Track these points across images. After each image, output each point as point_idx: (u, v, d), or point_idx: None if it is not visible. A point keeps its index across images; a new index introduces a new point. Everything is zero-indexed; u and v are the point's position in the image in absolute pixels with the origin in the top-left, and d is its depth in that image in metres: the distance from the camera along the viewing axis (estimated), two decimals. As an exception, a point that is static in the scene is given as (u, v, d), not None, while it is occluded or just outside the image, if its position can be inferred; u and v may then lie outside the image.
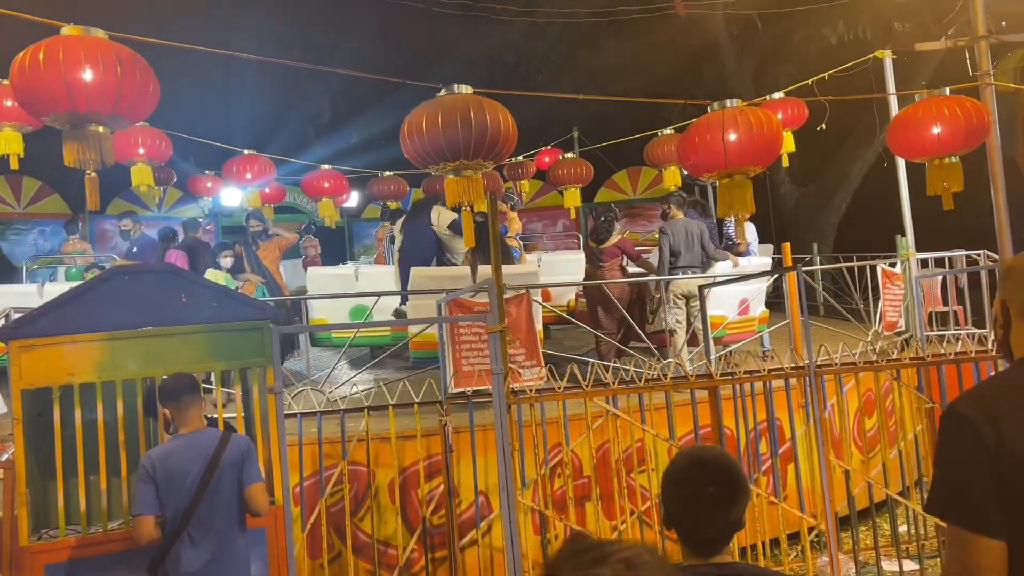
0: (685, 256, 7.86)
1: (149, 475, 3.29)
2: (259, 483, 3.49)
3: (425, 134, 4.64)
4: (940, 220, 8.43)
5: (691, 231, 7.93)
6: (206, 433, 3.49)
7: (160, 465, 3.32)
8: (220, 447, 3.40)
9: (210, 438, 3.45)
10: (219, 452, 3.38)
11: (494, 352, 4.60)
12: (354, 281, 8.92)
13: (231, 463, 3.42)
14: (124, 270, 3.89)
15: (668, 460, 5.42)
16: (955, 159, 5.61)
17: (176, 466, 3.34)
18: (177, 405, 3.47)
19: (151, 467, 3.31)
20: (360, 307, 8.15)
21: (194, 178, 13.27)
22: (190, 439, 3.43)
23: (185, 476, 3.33)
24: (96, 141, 3.99)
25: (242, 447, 3.48)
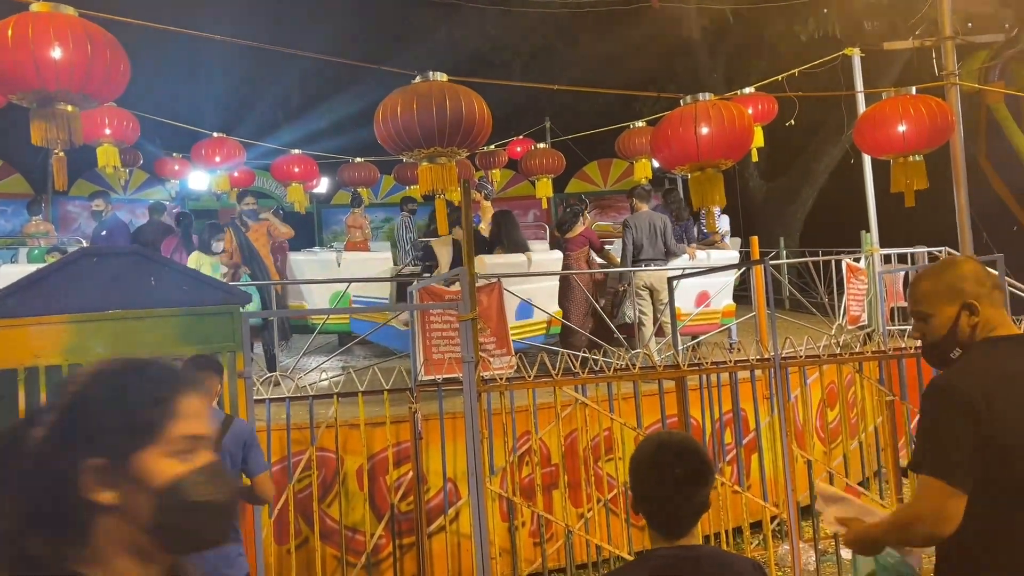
0: (648, 249, 7.92)
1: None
2: (266, 472, 3.45)
3: (399, 120, 4.63)
4: (904, 217, 8.60)
5: (655, 224, 7.99)
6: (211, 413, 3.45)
7: None
8: (221, 431, 3.31)
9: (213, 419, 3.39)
10: (219, 435, 3.31)
11: (465, 340, 4.62)
12: (336, 267, 8.89)
13: (233, 447, 3.35)
14: (92, 251, 3.84)
15: (634, 448, 5.49)
16: (919, 157, 5.73)
17: None
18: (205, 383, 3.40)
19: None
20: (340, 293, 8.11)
21: (161, 160, 13.09)
22: None
23: None
24: (64, 120, 3.93)
25: (244, 434, 3.42)
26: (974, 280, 2.23)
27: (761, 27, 14.37)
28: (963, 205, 5.63)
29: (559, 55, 16.73)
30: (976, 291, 2.21)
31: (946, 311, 2.21)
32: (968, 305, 2.20)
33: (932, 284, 2.27)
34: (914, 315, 2.31)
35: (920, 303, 2.27)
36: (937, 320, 2.23)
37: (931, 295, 2.25)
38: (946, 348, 2.25)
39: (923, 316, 2.27)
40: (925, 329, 2.27)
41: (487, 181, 11.22)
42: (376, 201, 16.58)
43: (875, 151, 6.09)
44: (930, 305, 2.24)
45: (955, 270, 2.27)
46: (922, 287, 2.29)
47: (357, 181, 12.85)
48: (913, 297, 2.31)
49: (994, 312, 2.22)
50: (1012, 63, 14.04)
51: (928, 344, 2.29)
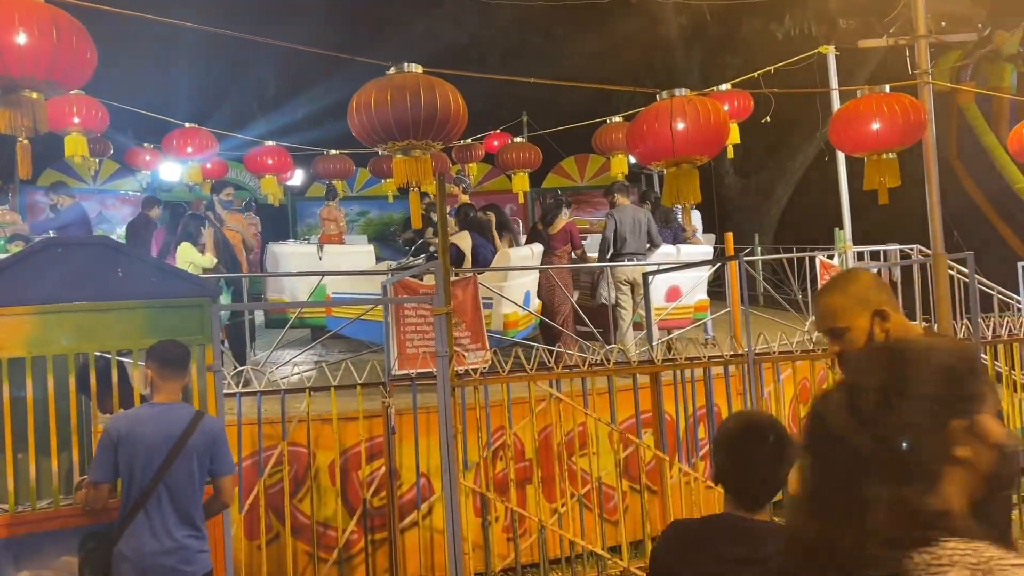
0: (631, 242, 7.95)
1: (112, 442, 3.15)
2: (232, 475, 3.39)
3: (374, 112, 4.57)
4: (876, 215, 8.68)
5: (638, 219, 8.04)
6: (179, 408, 3.34)
7: (127, 432, 3.17)
8: (191, 427, 3.25)
9: (181, 415, 3.30)
10: (189, 431, 3.23)
11: (439, 334, 4.58)
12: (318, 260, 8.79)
13: (200, 447, 3.27)
14: (58, 242, 3.76)
15: (609, 444, 5.50)
16: (892, 155, 5.77)
17: (143, 436, 3.19)
18: (164, 370, 3.32)
19: (116, 434, 3.16)
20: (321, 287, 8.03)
21: (132, 150, 12.90)
22: (163, 411, 3.29)
23: (149, 450, 3.18)
24: (30, 107, 3.83)
25: (214, 432, 3.34)
26: (876, 288, 2.33)
27: (737, 25, 14.43)
28: (935, 203, 5.68)
29: (537, 50, 16.72)
30: (880, 298, 2.30)
31: (860, 322, 2.27)
32: (879, 312, 2.27)
33: (841, 299, 2.32)
34: (828, 333, 2.35)
35: (834, 319, 2.31)
36: (853, 333, 2.28)
37: (843, 310, 2.29)
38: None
39: (839, 332, 2.30)
40: (842, 344, 2.31)
41: (465, 175, 11.16)
42: (351, 194, 16.47)
43: (849, 148, 6.13)
44: (844, 319, 2.29)
45: (857, 282, 2.35)
46: (831, 303, 2.33)
47: (332, 174, 12.74)
48: (824, 315, 2.35)
49: (900, 316, 2.33)
50: (983, 63, 14.23)
51: (846, 357, 2.32)
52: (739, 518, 2.00)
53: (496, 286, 7.05)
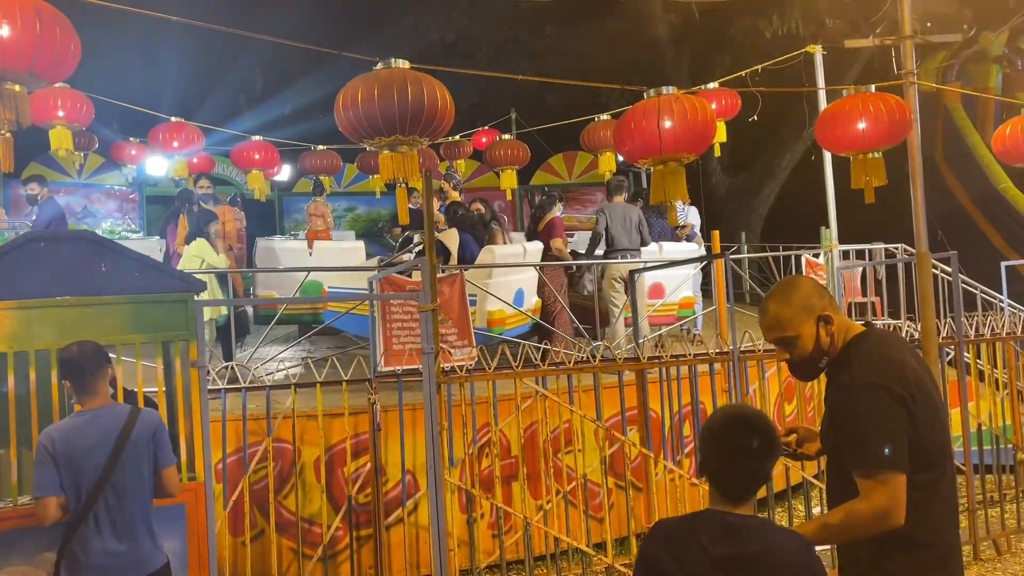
0: (623, 239, 8.01)
1: (49, 454, 3.06)
2: (173, 465, 3.34)
3: (360, 107, 4.55)
4: (862, 214, 8.73)
5: (629, 216, 8.08)
6: (112, 409, 3.26)
7: (61, 443, 3.09)
8: (128, 424, 3.18)
9: (117, 414, 3.22)
10: (127, 429, 3.16)
11: (425, 331, 4.58)
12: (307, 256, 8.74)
13: (143, 441, 3.21)
14: (40, 236, 3.73)
15: (595, 441, 5.51)
16: (878, 154, 5.80)
17: (79, 445, 3.11)
18: (80, 377, 3.20)
19: (51, 445, 3.08)
20: (313, 283, 7.99)
21: (117, 144, 12.80)
22: (95, 415, 3.20)
23: (89, 455, 3.11)
24: (12, 100, 3.79)
25: (152, 425, 3.27)
26: (817, 294, 2.43)
27: (726, 24, 14.46)
28: (919, 202, 5.71)
29: (526, 47, 16.70)
30: (822, 303, 2.40)
31: (806, 329, 2.39)
32: (824, 317, 2.38)
33: (787, 309, 2.41)
34: (776, 343, 2.45)
35: (782, 329, 2.41)
36: (802, 340, 2.39)
37: (789, 319, 2.39)
38: (815, 361, 2.42)
39: (787, 340, 2.41)
40: (791, 351, 2.42)
41: (455, 171, 11.11)
42: (339, 190, 16.40)
43: (835, 148, 6.16)
44: (791, 328, 2.40)
45: (799, 290, 2.44)
46: (778, 313, 2.42)
47: (319, 169, 12.68)
48: (771, 326, 2.44)
49: (841, 316, 2.44)
50: (969, 64, 14.32)
51: (797, 363, 2.45)
52: (724, 514, 2.01)
53: (481, 283, 7.05)
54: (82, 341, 3.30)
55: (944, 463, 2.36)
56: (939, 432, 2.35)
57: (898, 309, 9.00)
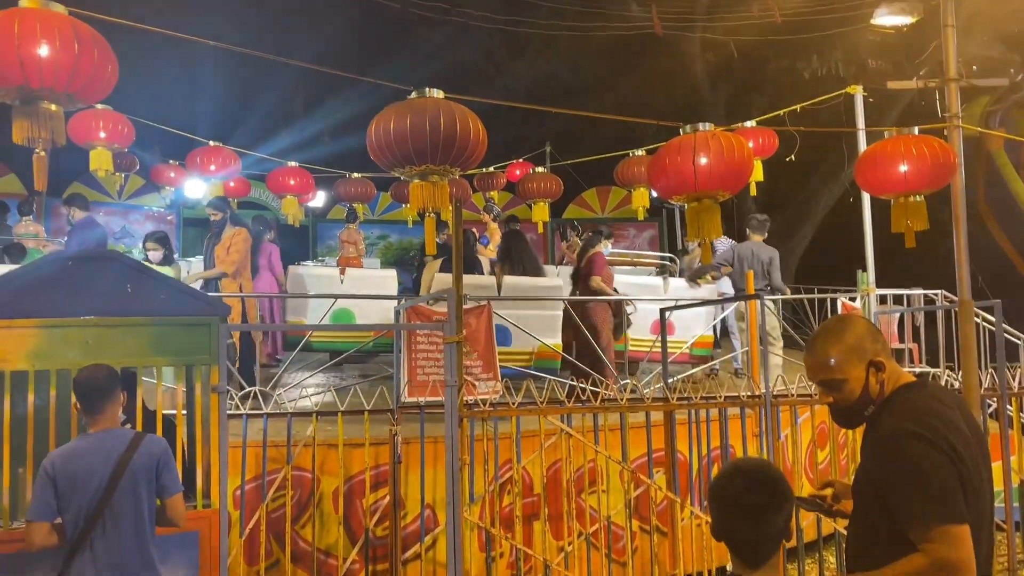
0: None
1: (49, 477, 3.03)
2: (178, 494, 3.28)
3: (392, 135, 4.54)
4: (898, 258, 8.53)
5: (760, 256, 8.14)
6: (116, 434, 3.23)
7: (62, 467, 3.06)
8: (129, 450, 3.13)
9: (119, 440, 3.18)
10: (127, 456, 3.11)
11: (449, 363, 4.51)
12: (339, 283, 8.70)
13: (143, 468, 3.15)
14: (69, 255, 3.73)
15: (619, 482, 5.37)
16: (920, 198, 5.66)
17: (79, 469, 3.07)
18: (89, 400, 3.18)
19: (52, 469, 3.05)
20: (344, 310, 7.93)
21: (157, 167, 13.00)
22: (97, 439, 3.17)
23: (88, 480, 3.06)
24: (47, 119, 3.82)
25: (156, 452, 3.22)
26: (871, 338, 2.28)
27: (764, 64, 14.40)
28: (962, 248, 5.55)
29: (563, 83, 16.79)
30: (875, 348, 2.25)
31: (856, 373, 2.24)
32: (875, 363, 2.24)
33: (836, 349, 2.26)
34: (823, 384, 2.31)
35: (830, 371, 2.27)
36: (849, 384, 2.25)
37: (838, 361, 2.25)
38: (861, 408, 2.27)
39: (834, 383, 2.27)
40: (837, 395, 2.28)
41: (493, 203, 11.05)
42: (372, 217, 16.51)
43: (876, 190, 6.02)
44: (841, 371, 2.26)
45: (853, 331, 2.29)
46: (826, 353, 2.28)
47: (353, 196, 12.76)
48: (819, 366, 2.30)
49: (893, 364, 2.29)
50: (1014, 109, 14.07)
51: (842, 408, 2.30)
52: None
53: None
54: (96, 364, 3.29)
55: (980, 532, 2.19)
56: (979, 499, 2.19)
57: (936, 357, 8.75)
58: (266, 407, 5.18)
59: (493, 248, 9.09)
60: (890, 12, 6.46)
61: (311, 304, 8.57)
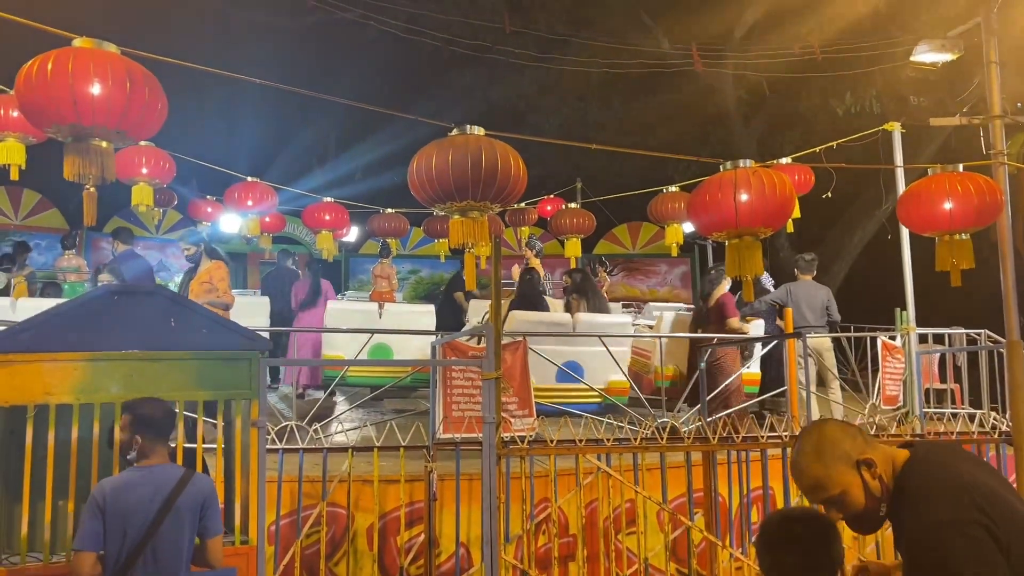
0: (808, 317, 8.18)
1: (99, 508, 3.04)
2: (219, 536, 3.26)
3: (434, 171, 4.56)
4: (933, 296, 8.37)
5: (814, 295, 8.30)
6: (166, 469, 3.24)
7: (113, 498, 3.07)
8: (178, 488, 3.14)
9: (170, 476, 3.19)
10: (176, 493, 3.12)
11: (487, 400, 4.47)
12: (377, 318, 8.71)
13: (189, 507, 3.16)
14: (114, 289, 3.76)
15: (657, 524, 5.27)
16: (965, 236, 5.56)
17: (130, 502, 3.08)
18: (152, 434, 3.21)
19: (102, 499, 3.06)
20: (381, 345, 7.92)
21: (194, 202, 13.20)
22: (149, 473, 3.18)
23: (136, 514, 3.07)
24: (98, 156, 3.89)
25: (205, 492, 3.23)
26: (848, 437, 2.20)
27: (796, 99, 14.37)
28: (1010, 288, 5.44)
29: (593, 119, 16.87)
30: (856, 446, 2.17)
31: (850, 479, 2.15)
32: (864, 462, 2.15)
33: (820, 467, 2.17)
34: (824, 503, 2.20)
35: (825, 490, 2.17)
36: (851, 495, 2.14)
37: (828, 477, 2.16)
38: (874, 511, 2.17)
39: (835, 500, 2.17)
40: (844, 508, 2.18)
41: (535, 239, 11.00)
42: (404, 252, 16.61)
43: (920, 228, 5.93)
44: (835, 486, 2.15)
45: (826, 439, 2.20)
46: (813, 475, 2.18)
47: (387, 231, 12.84)
48: (811, 487, 2.20)
49: (879, 450, 2.19)
50: (1053, 147, 13.88)
51: (855, 518, 2.19)
52: None
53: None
54: (157, 399, 3.32)
55: None
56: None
57: (979, 398, 8.54)
58: (302, 442, 5.17)
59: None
60: (931, 49, 6.41)
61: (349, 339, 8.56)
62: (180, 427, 3.79)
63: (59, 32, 4.24)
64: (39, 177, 9.71)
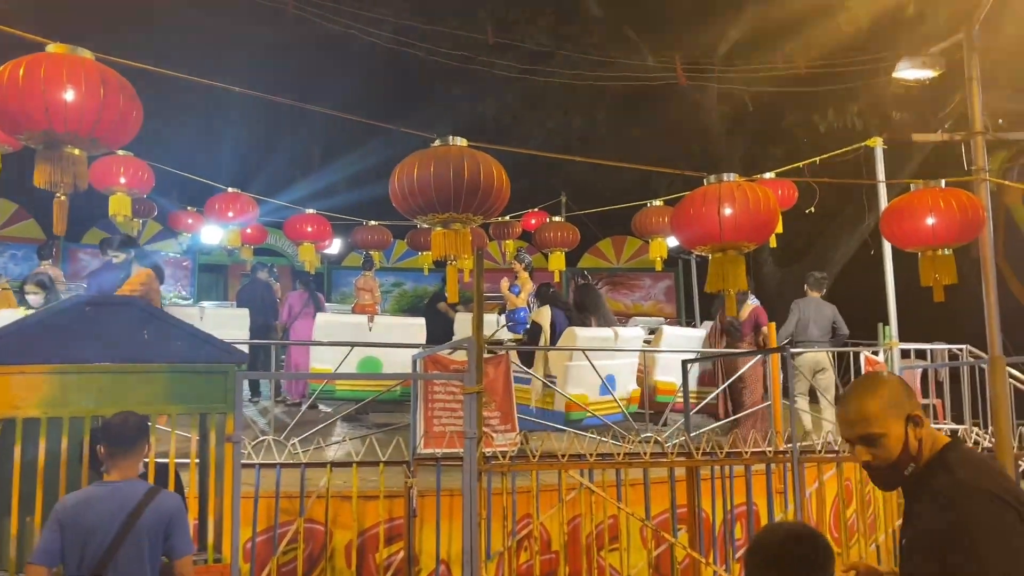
0: (814, 332, 8.32)
1: (58, 522, 2.95)
2: (189, 556, 3.16)
3: (415, 183, 4.50)
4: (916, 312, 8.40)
5: (822, 311, 8.45)
6: (133, 485, 3.13)
7: (73, 514, 2.97)
8: (141, 505, 3.04)
9: (134, 492, 3.09)
10: (138, 511, 3.01)
11: (468, 414, 4.40)
12: (367, 331, 8.60)
13: (152, 527, 3.05)
14: (86, 300, 3.68)
15: (640, 540, 5.20)
16: (948, 251, 5.57)
17: (91, 518, 2.98)
18: (116, 448, 3.11)
19: (63, 514, 2.97)
20: (371, 359, 7.82)
21: (175, 213, 13.08)
22: (114, 489, 3.08)
23: (96, 531, 2.97)
24: (70, 164, 3.80)
25: (169, 510, 3.12)
26: (906, 393, 2.19)
27: (779, 117, 14.45)
28: (992, 304, 5.45)
29: (578, 132, 16.89)
30: (912, 404, 2.17)
31: (895, 429, 2.13)
32: (914, 418, 2.13)
33: (873, 403, 2.14)
34: (860, 440, 2.16)
35: (871, 424, 2.13)
36: (889, 440, 2.12)
37: (880, 414, 2.13)
38: (901, 467, 2.14)
39: (874, 438, 2.13)
40: (876, 452, 2.14)
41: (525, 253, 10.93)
42: (387, 265, 16.52)
43: (903, 243, 5.93)
44: (881, 424, 2.12)
45: (889, 385, 2.19)
46: (863, 408, 2.15)
47: (370, 244, 12.75)
48: (855, 420, 2.16)
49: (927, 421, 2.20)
50: (1033, 164, 14.03)
51: (880, 467, 2.16)
52: None
53: (561, 365, 6.89)
54: (129, 412, 3.22)
55: None
56: None
57: (961, 413, 8.55)
58: (279, 457, 5.07)
59: (524, 298, 9.01)
60: (912, 66, 6.44)
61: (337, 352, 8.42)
62: (154, 441, 3.70)
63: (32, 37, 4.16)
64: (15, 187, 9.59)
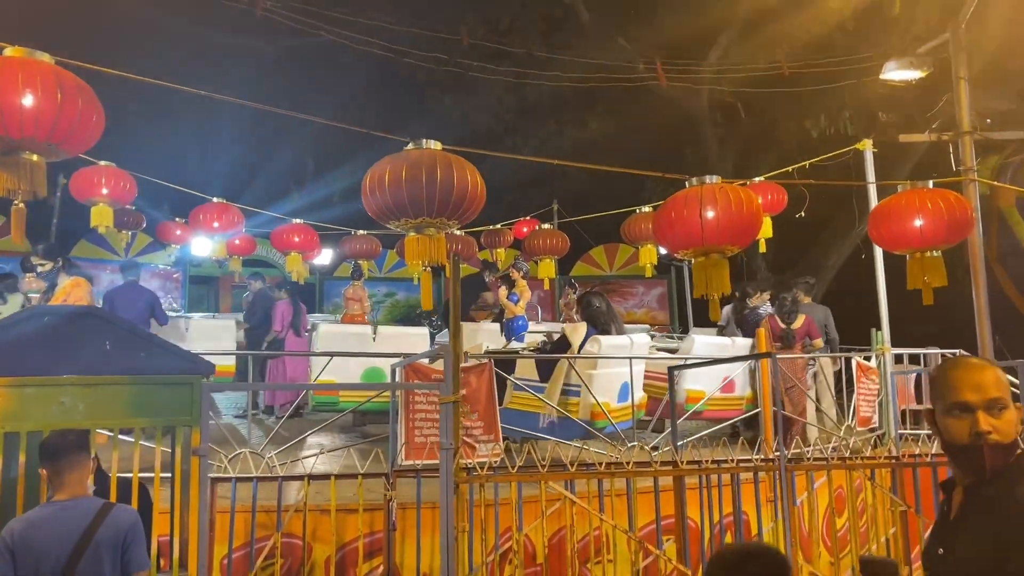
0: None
1: (8, 548, 2.83)
2: (144, 571, 3.05)
3: (387, 187, 4.40)
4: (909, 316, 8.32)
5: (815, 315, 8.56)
6: (82, 503, 3.02)
7: (21, 538, 2.85)
8: (95, 522, 2.92)
9: (86, 509, 2.97)
10: (92, 528, 2.90)
11: (445, 425, 4.29)
12: (371, 341, 8.47)
13: (108, 543, 2.94)
14: (45, 311, 3.57)
15: (626, 552, 5.08)
16: (937, 253, 5.47)
17: (39, 541, 2.86)
18: (56, 466, 2.99)
19: (11, 539, 2.84)
20: (375, 369, 7.69)
21: (164, 224, 12.99)
22: (62, 508, 2.96)
23: (48, 554, 2.85)
24: (28, 170, 3.70)
25: (124, 525, 3.00)
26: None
27: (772, 122, 14.41)
28: (983, 308, 5.35)
29: (570, 139, 16.85)
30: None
31: (1013, 405, 1.93)
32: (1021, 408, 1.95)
33: (1002, 377, 1.95)
34: (990, 404, 1.91)
35: (999, 389, 1.92)
36: (1011, 413, 1.92)
37: (1004, 386, 1.93)
38: (1013, 449, 1.90)
39: (1003, 404, 1.91)
40: (997, 424, 1.90)
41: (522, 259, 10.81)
42: (378, 275, 16.41)
43: (890, 245, 5.84)
44: (1005, 394, 1.92)
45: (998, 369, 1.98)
46: (997, 376, 1.94)
47: (359, 253, 12.66)
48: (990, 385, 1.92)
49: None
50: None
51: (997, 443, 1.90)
52: None
53: (585, 374, 6.81)
54: (64, 429, 3.11)
55: None
56: None
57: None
58: (256, 470, 4.95)
59: (523, 306, 8.90)
60: (899, 67, 6.36)
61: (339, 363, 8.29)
62: (115, 456, 3.59)
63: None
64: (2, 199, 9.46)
